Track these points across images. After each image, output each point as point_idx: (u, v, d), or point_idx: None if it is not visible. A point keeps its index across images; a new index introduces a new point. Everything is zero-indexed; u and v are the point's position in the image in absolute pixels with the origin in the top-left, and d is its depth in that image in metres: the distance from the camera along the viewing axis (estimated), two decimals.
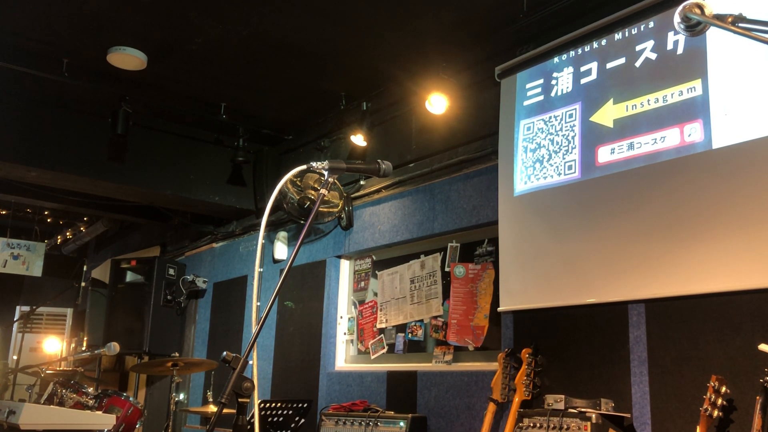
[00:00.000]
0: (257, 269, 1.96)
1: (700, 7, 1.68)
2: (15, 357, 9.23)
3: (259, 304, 1.90)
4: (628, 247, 3.48)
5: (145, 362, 6.49)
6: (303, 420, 4.22)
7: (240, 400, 1.73)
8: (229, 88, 5.64)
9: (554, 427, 3.32)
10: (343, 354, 5.51)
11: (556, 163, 3.95)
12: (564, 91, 4.02)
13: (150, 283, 6.96)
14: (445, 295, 4.78)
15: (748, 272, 2.98)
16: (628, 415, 3.32)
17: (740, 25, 1.59)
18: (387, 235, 5.23)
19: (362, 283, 5.58)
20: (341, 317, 5.58)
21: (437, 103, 4.70)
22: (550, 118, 4.06)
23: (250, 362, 1.75)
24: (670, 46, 3.51)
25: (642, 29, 3.67)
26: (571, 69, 4.01)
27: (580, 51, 3.98)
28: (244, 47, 4.88)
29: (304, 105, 5.90)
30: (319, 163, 1.95)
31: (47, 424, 3.80)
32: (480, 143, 4.57)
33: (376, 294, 5.41)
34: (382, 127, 5.42)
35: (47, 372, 5.12)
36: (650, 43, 3.61)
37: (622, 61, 3.73)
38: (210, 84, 5.57)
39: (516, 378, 3.71)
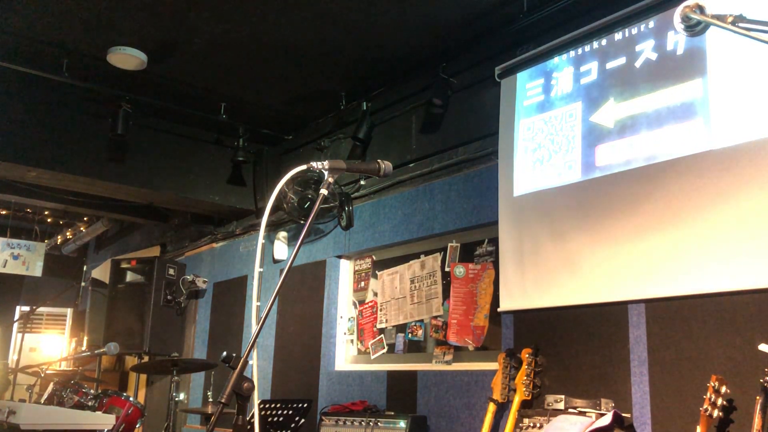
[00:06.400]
0: (257, 269, 1.96)
1: (700, 7, 1.68)
2: (15, 357, 9.24)
3: (259, 304, 1.90)
4: (628, 247, 3.48)
5: (145, 362, 6.49)
6: (303, 420, 4.22)
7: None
8: (229, 88, 5.64)
9: None
10: (343, 354, 5.51)
11: (556, 163, 3.95)
12: (564, 91, 4.02)
13: (150, 283, 6.96)
14: (445, 295, 4.78)
15: (748, 272, 2.98)
16: (628, 415, 3.32)
17: (740, 25, 1.59)
18: (387, 235, 5.23)
19: (362, 283, 5.58)
20: (341, 317, 5.58)
21: (437, 103, 4.70)
22: (551, 118, 4.06)
23: (250, 362, 1.75)
24: (670, 46, 3.51)
25: (642, 29, 3.67)
26: (571, 69, 4.01)
27: (580, 51, 3.98)
28: (244, 47, 4.88)
29: (304, 105, 5.90)
30: (319, 163, 1.95)
31: (47, 424, 3.80)
32: (480, 143, 4.57)
33: (376, 294, 5.41)
34: (382, 127, 5.42)
35: (47, 372, 5.13)
36: (650, 43, 3.61)
37: (622, 61, 3.73)
38: (210, 84, 5.57)
39: (516, 378, 3.71)
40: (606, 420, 3.07)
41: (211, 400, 5.19)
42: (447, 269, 4.82)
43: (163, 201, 6.89)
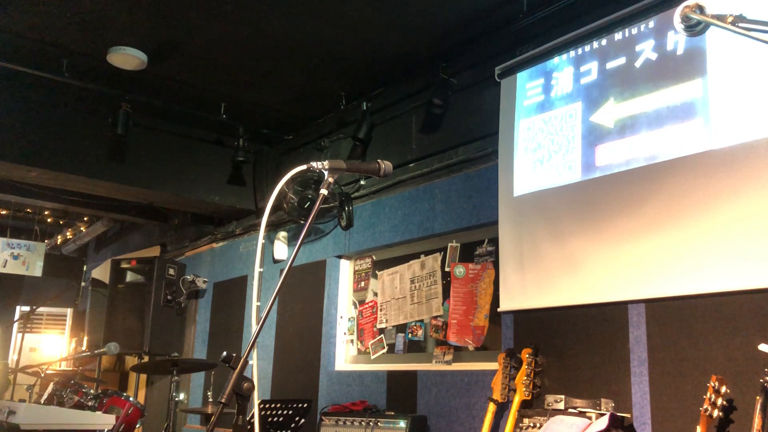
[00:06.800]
0: (257, 269, 1.96)
1: (700, 7, 1.68)
2: (15, 357, 9.23)
3: (259, 304, 1.90)
4: (628, 247, 3.48)
5: (145, 362, 6.49)
6: (303, 420, 4.22)
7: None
8: (229, 88, 5.64)
9: None
10: (343, 354, 5.51)
11: (556, 163, 3.95)
12: (564, 91, 4.02)
13: (150, 283, 6.96)
14: (445, 295, 4.78)
15: (748, 272, 2.98)
16: (628, 415, 3.32)
17: (740, 25, 1.59)
18: (387, 235, 5.23)
19: (362, 283, 5.58)
20: (341, 317, 5.58)
21: (437, 103, 4.70)
22: (551, 118, 4.06)
23: (250, 362, 1.75)
24: (670, 46, 3.51)
25: (642, 29, 3.67)
26: (571, 69, 4.01)
27: (580, 51, 3.98)
28: (244, 47, 4.88)
29: (304, 105, 5.90)
30: (319, 163, 1.95)
31: (47, 424, 3.80)
32: (480, 143, 4.57)
33: (376, 294, 5.41)
34: (382, 127, 5.42)
35: (47, 372, 5.12)
36: (650, 43, 3.61)
37: (622, 61, 3.73)
38: (210, 84, 5.57)
39: (516, 378, 3.71)
40: (602, 423, 3.07)
41: (211, 400, 5.18)
42: (447, 269, 4.82)
43: (163, 201, 6.89)
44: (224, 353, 1.74)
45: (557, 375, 3.76)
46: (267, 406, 4.11)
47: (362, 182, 5.51)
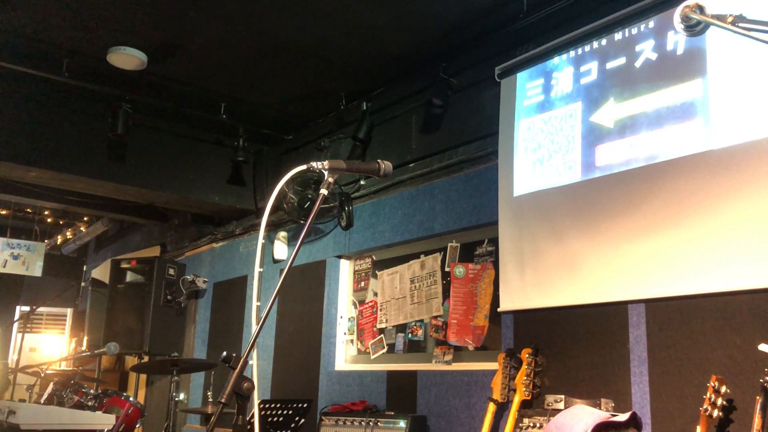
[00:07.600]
0: (257, 269, 1.96)
1: (700, 7, 1.68)
2: (15, 357, 9.23)
3: (259, 304, 1.90)
4: (628, 247, 3.48)
5: (145, 362, 6.49)
6: (303, 420, 4.22)
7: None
8: (229, 88, 5.65)
9: None
10: (343, 354, 5.51)
11: (556, 163, 3.95)
12: (564, 91, 4.02)
13: (150, 283, 6.96)
14: (445, 295, 4.78)
15: (748, 272, 2.98)
16: None
17: (740, 25, 1.59)
18: (387, 235, 5.23)
19: (362, 283, 5.58)
20: (341, 317, 5.58)
21: (437, 103, 4.70)
22: (551, 118, 4.06)
23: (250, 362, 1.75)
24: (670, 46, 3.51)
25: (642, 29, 3.67)
26: (571, 69, 4.01)
27: (580, 51, 3.98)
28: (244, 47, 4.88)
29: (304, 105, 5.91)
30: (319, 163, 1.94)
31: (47, 424, 3.80)
32: (480, 143, 4.57)
33: (376, 294, 5.41)
34: (382, 127, 5.42)
35: (47, 372, 5.12)
36: (650, 43, 3.61)
37: (622, 61, 3.73)
38: (210, 84, 5.57)
39: (516, 378, 3.71)
40: (624, 416, 3.07)
41: (211, 400, 5.18)
42: (447, 269, 4.82)
43: (163, 201, 6.89)
44: (224, 353, 1.74)
45: (557, 375, 3.76)
46: (267, 406, 4.11)
47: (362, 182, 5.51)
